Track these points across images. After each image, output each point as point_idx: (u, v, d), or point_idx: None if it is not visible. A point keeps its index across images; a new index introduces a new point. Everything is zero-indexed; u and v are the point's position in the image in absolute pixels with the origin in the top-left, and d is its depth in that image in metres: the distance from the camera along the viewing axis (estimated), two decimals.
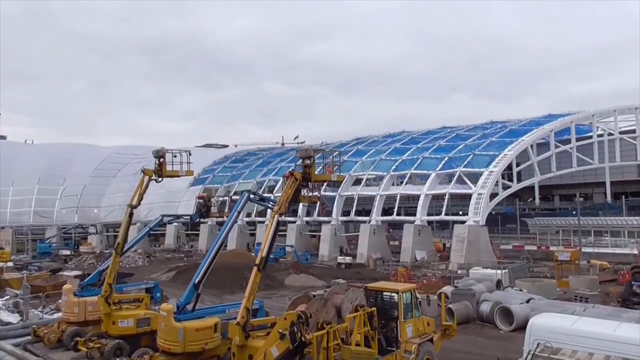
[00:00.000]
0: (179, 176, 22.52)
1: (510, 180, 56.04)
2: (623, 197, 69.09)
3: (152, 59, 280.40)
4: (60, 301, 25.02)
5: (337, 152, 17.75)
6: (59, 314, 24.13)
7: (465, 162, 53.81)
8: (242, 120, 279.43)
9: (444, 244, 59.94)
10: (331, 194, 59.96)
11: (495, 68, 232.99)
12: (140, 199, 21.29)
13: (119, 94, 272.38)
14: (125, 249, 21.94)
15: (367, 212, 59.51)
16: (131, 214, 21.16)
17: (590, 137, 62.83)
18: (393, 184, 59.87)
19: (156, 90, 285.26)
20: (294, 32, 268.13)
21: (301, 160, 16.06)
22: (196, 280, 17.22)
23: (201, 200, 23.57)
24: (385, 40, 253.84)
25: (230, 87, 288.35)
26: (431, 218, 56.26)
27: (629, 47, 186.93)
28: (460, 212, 56.56)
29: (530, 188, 65.34)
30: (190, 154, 22.67)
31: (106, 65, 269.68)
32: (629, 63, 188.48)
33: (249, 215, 67.14)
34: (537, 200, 72.91)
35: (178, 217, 30.20)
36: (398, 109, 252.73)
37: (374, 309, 15.79)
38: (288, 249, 55.86)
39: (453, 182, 53.98)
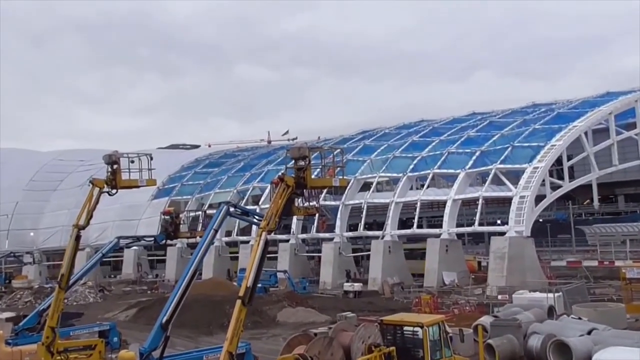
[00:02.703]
0: (137, 187, 22.47)
1: (561, 178, 56.03)
2: None
3: (92, 40, 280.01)
4: None
5: (338, 150, 17.77)
6: None
7: (503, 157, 53.86)
8: (214, 113, 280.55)
9: (479, 262, 59.91)
10: (333, 203, 59.89)
11: (523, 40, 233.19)
12: (90, 217, 21.23)
13: (55, 85, 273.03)
14: (71, 281, 21.85)
15: (380, 225, 59.43)
16: (78, 237, 21.10)
17: None
18: (411, 188, 59.83)
19: (101, 79, 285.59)
20: (270, 1, 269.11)
21: (293, 161, 16.05)
22: (164, 320, 17.16)
23: (167, 217, 23.49)
24: (383, 12, 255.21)
25: (194, 73, 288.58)
26: (462, 230, 56.22)
27: None
28: (499, 221, 56.50)
29: (587, 187, 65.31)
30: (151, 158, 22.64)
31: (36, 51, 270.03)
32: None
33: (228, 234, 66.92)
34: (595, 203, 72.91)
35: (138, 238, 30.10)
36: (408, 93, 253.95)
37: (392, 348, 15.75)
38: (280, 275, 55.76)
39: (488, 182, 53.99)
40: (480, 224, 54.27)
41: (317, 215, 29.25)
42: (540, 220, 58.27)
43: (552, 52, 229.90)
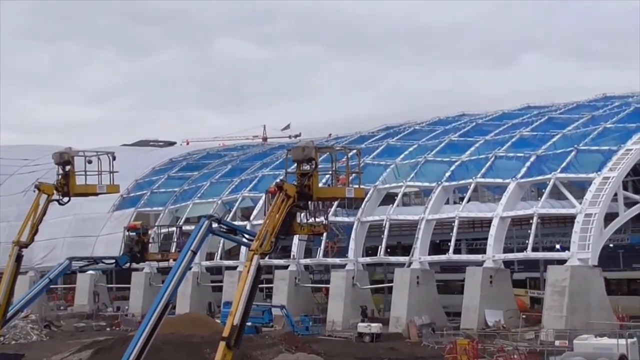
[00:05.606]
0: (96, 194, 22.56)
1: (638, 192, 55.88)
2: None
3: (34, 7, 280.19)
4: None
5: (354, 151, 17.84)
6: None
7: (564, 164, 53.70)
8: (192, 102, 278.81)
9: (532, 298, 59.74)
10: (346, 219, 59.82)
11: (586, 14, 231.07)
12: (34, 232, 21.30)
13: None
14: (9, 314, 21.94)
15: (406, 249, 59.34)
16: (19, 257, 21.18)
17: None
18: (447, 202, 59.67)
19: (48, 56, 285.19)
20: None
21: (296, 165, 16.11)
22: None
23: (133, 233, 23.60)
24: None
25: (164, 49, 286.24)
26: (511, 256, 56.00)
27: None
28: (558, 246, 56.22)
29: None
30: (114, 158, 22.73)
31: None
32: None
33: (210, 257, 66.96)
34: None
35: (95, 260, 30.20)
36: (440, 78, 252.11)
37: None
38: (276, 311, 55.77)
39: (545, 196, 53.83)
40: (535, 249, 54.07)
41: (325, 234, 29.25)
42: (611, 245, 57.97)
43: (623, 31, 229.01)
